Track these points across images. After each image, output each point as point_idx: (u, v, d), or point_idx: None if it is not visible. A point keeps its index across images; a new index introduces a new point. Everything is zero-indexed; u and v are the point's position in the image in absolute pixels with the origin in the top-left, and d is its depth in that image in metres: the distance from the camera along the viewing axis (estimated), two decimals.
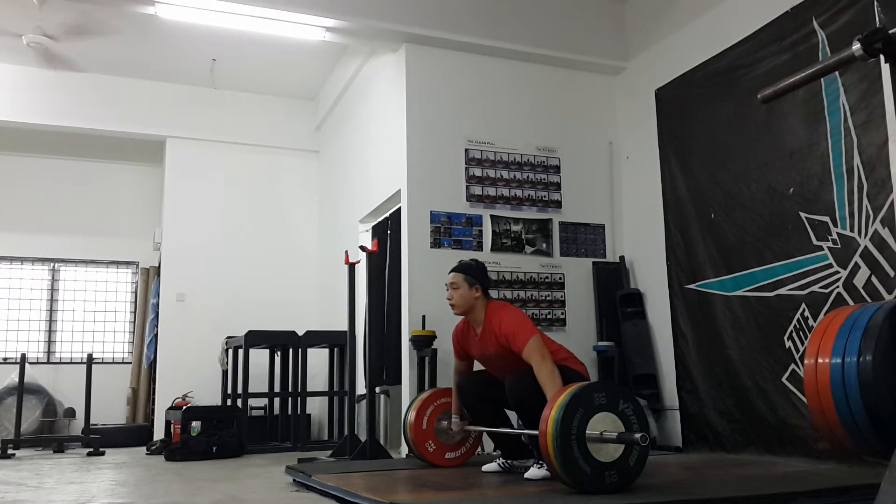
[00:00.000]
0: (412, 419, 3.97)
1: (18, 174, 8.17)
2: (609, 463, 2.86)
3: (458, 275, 3.63)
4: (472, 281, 3.59)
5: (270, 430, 6.98)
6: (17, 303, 8.10)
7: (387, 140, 6.01)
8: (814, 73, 2.11)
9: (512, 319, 3.48)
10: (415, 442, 3.98)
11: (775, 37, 4.52)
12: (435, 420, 4.00)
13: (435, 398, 4.04)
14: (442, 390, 4.12)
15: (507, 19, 5.82)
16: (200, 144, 7.79)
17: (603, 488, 2.84)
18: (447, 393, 4.05)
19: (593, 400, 2.89)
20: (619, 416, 2.91)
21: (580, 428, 2.83)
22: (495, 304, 3.65)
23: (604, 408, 2.90)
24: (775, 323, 4.40)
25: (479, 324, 3.62)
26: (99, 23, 6.39)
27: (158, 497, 3.53)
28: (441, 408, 4.02)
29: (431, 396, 4.03)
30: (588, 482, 2.84)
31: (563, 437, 2.80)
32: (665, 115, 5.49)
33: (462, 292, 3.57)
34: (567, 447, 2.81)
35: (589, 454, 2.83)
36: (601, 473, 2.85)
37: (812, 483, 3.12)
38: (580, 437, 2.83)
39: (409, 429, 4.00)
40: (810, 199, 4.23)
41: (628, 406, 2.94)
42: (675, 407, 5.21)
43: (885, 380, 2.58)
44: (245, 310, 7.36)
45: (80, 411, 6.81)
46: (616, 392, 2.98)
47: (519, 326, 3.42)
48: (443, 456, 4.05)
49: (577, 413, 2.84)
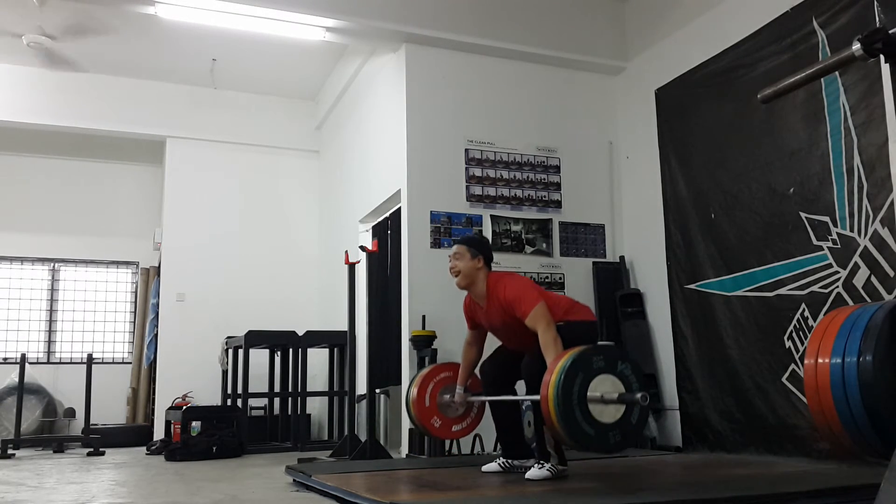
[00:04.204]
0: (414, 396, 3.92)
1: (18, 174, 8.17)
2: (612, 423, 2.92)
3: (461, 246, 3.68)
4: (475, 252, 3.63)
5: (270, 430, 6.97)
6: (17, 303, 8.10)
7: (387, 140, 6.02)
8: (814, 73, 2.11)
9: (515, 286, 3.50)
10: (420, 419, 3.94)
11: (775, 37, 4.52)
12: (437, 395, 3.97)
13: (435, 374, 3.98)
14: (441, 365, 4.07)
15: (507, 19, 5.82)
16: (200, 144, 7.79)
17: (607, 448, 2.94)
18: (446, 367, 4.01)
19: (592, 363, 2.94)
20: (618, 377, 2.97)
21: (581, 392, 2.88)
22: (496, 274, 3.67)
23: (603, 370, 2.95)
24: (775, 323, 4.40)
25: (481, 297, 3.63)
26: (99, 23, 6.39)
27: (158, 497, 3.53)
28: (441, 383, 3.96)
29: (431, 373, 3.98)
30: (592, 444, 2.91)
31: (565, 402, 2.85)
32: (665, 115, 5.49)
33: (465, 263, 3.61)
34: (569, 411, 2.85)
35: (591, 417, 2.89)
36: (605, 434, 2.90)
37: (812, 483, 3.12)
38: (581, 400, 2.88)
39: (412, 406, 3.94)
40: (810, 199, 4.23)
41: (626, 367, 3.01)
42: (675, 407, 5.20)
43: (885, 380, 2.58)
44: (245, 310, 7.35)
45: (80, 411, 6.81)
46: (614, 354, 3.04)
47: (523, 294, 3.43)
48: (449, 429, 4.02)
49: (577, 377, 2.89)
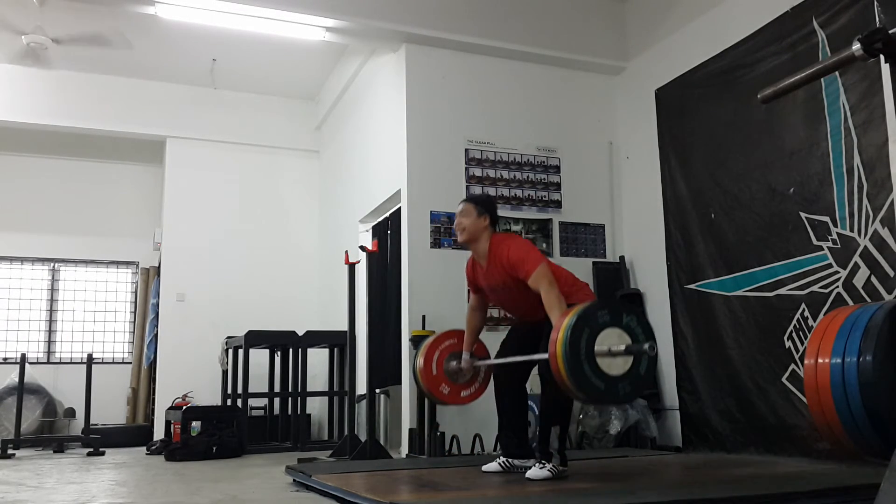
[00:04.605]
0: (421, 366, 3.92)
1: (18, 174, 8.17)
2: (621, 375, 2.94)
3: (469, 203, 3.71)
4: (481, 210, 3.65)
5: (270, 430, 6.98)
6: (17, 303, 8.10)
7: (387, 140, 6.02)
8: (814, 73, 2.11)
9: (519, 247, 3.53)
10: (428, 388, 3.96)
11: (775, 37, 4.52)
12: (443, 362, 3.97)
13: (439, 342, 3.98)
14: (445, 333, 4.06)
15: (506, 19, 5.82)
16: (200, 144, 7.79)
17: (618, 399, 3.06)
18: (450, 335, 4.01)
19: (597, 318, 2.96)
20: (624, 329, 2.98)
21: (588, 346, 2.90)
22: (500, 235, 3.69)
23: (609, 324, 2.96)
24: (775, 323, 4.40)
25: (483, 257, 3.65)
26: (99, 23, 6.39)
27: (158, 497, 3.53)
28: (447, 350, 3.96)
29: (436, 341, 3.98)
30: (603, 397, 2.99)
31: (573, 358, 2.87)
32: (665, 115, 5.49)
33: (471, 220, 3.63)
34: (578, 367, 2.88)
35: (600, 370, 2.91)
36: (614, 387, 2.93)
37: (812, 483, 3.12)
38: (589, 355, 2.90)
39: (420, 376, 3.94)
40: (810, 199, 4.23)
41: (632, 318, 3.02)
42: (675, 407, 5.21)
43: (885, 380, 2.58)
44: (245, 310, 7.35)
45: (80, 411, 6.81)
46: (619, 307, 3.07)
47: (527, 254, 3.46)
48: (458, 395, 4.01)
49: (583, 333, 2.91)
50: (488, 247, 3.60)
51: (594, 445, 5.03)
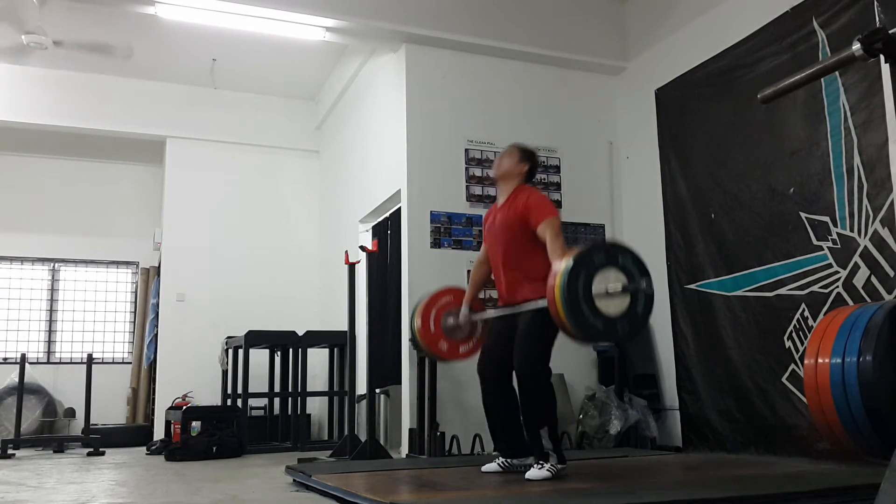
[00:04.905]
0: (419, 326, 3.98)
1: (18, 174, 8.16)
2: (619, 315, 3.01)
3: (515, 147, 3.86)
4: (523, 158, 3.80)
5: (270, 430, 6.97)
6: (17, 303, 8.10)
7: (387, 140, 6.02)
8: (814, 73, 2.11)
9: (541, 197, 3.68)
10: (427, 346, 4.02)
11: (775, 37, 4.52)
12: (441, 319, 4.01)
13: (435, 301, 4.04)
14: (441, 291, 4.10)
15: (506, 19, 5.82)
16: (200, 144, 7.79)
17: (617, 338, 3.12)
18: (446, 293, 4.08)
19: (593, 260, 3.03)
20: (619, 269, 3.05)
21: (586, 288, 2.96)
22: (529, 186, 3.81)
23: (604, 265, 3.03)
24: (775, 323, 4.40)
25: (504, 194, 3.78)
26: (99, 23, 6.39)
27: (158, 497, 3.53)
28: (443, 308, 4.02)
29: (431, 301, 4.04)
30: (602, 337, 3.07)
31: (572, 300, 2.93)
32: (665, 115, 5.49)
33: (512, 161, 3.78)
34: (577, 309, 2.94)
35: (598, 311, 2.97)
36: (613, 326, 3.01)
37: (812, 483, 3.12)
38: (587, 296, 2.96)
39: (418, 335, 4.01)
40: (810, 199, 4.23)
41: (627, 258, 3.09)
42: (675, 407, 5.20)
43: (885, 380, 2.58)
44: (245, 310, 7.35)
45: (80, 411, 6.81)
46: (613, 248, 3.16)
47: (546, 205, 3.61)
48: (457, 351, 4.07)
49: (580, 276, 2.97)
50: (514, 190, 3.73)
51: (594, 445, 5.03)
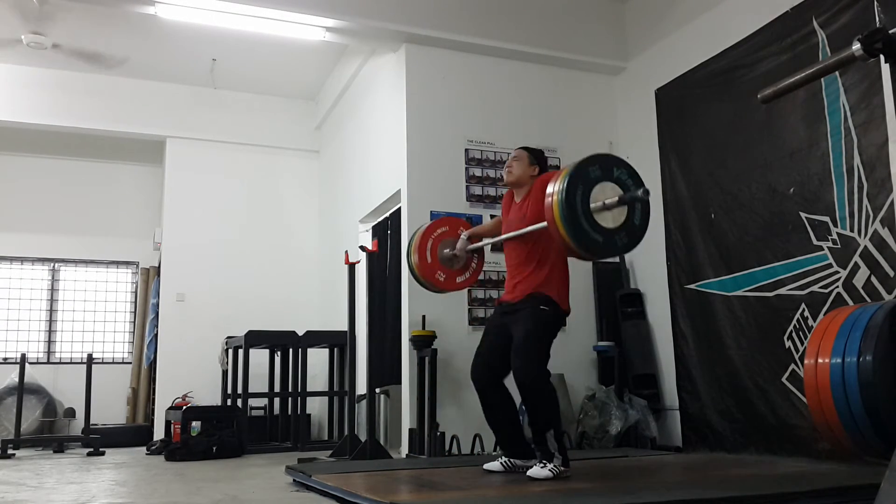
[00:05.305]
0: (416, 260, 4.05)
1: (18, 174, 8.16)
2: (617, 227, 3.08)
3: (523, 151, 3.86)
4: (533, 161, 3.80)
5: (270, 430, 6.98)
6: (17, 303, 8.10)
7: (387, 140, 6.02)
8: (814, 73, 2.11)
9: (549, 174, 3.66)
10: (425, 277, 4.08)
11: (775, 37, 4.52)
12: (437, 251, 4.06)
13: (430, 232, 4.09)
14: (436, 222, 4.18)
15: (506, 19, 5.82)
16: (200, 144, 7.79)
17: (617, 251, 3.17)
18: (441, 223, 4.17)
19: (589, 174, 3.07)
20: (615, 182, 3.13)
21: (584, 202, 3.02)
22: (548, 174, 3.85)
23: (600, 178, 3.09)
24: (775, 323, 4.40)
25: (521, 195, 3.80)
26: (99, 23, 6.39)
27: (158, 497, 3.53)
28: (439, 239, 4.08)
29: (426, 232, 4.09)
30: (603, 250, 3.17)
31: (571, 215, 2.98)
32: (665, 115, 5.49)
33: (522, 165, 3.79)
34: (576, 224, 2.99)
35: (597, 224, 3.04)
36: (612, 239, 3.09)
37: (812, 483, 3.12)
38: (586, 210, 3.02)
39: (416, 269, 4.07)
40: (810, 199, 4.23)
41: (622, 171, 3.16)
42: (675, 407, 5.21)
43: (885, 380, 2.58)
44: (245, 310, 7.35)
45: (80, 411, 6.81)
46: (608, 161, 3.20)
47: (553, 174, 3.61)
48: (454, 281, 4.14)
49: (577, 190, 3.01)
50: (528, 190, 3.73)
51: (594, 445, 5.03)
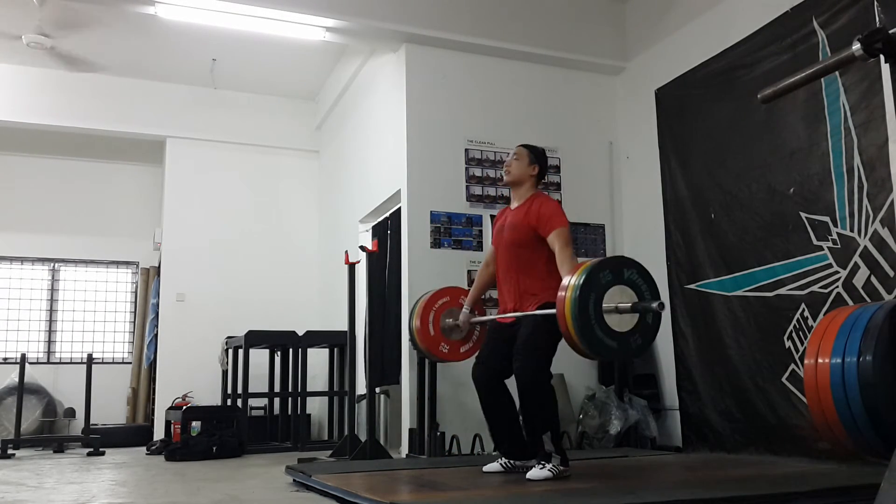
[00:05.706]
0: (418, 326, 4.02)
1: (18, 174, 8.16)
2: (630, 330, 3.05)
3: (523, 149, 3.83)
4: (532, 159, 3.77)
5: (270, 430, 6.97)
6: (17, 303, 8.10)
7: (387, 140, 6.02)
8: (814, 73, 2.11)
9: (555, 207, 3.67)
10: (427, 348, 4.05)
11: (775, 37, 4.52)
12: (439, 321, 4.04)
13: (433, 302, 4.07)
14: (438, 292, 4.14)
15: (506, 19, 5.81)
16: (200, 144, 7.79)
17: (632, 353, 3.13)
18: (443, 293, 4.11)
19: (600, 280, 3.04)
20: (626, 283, 3.09)
21: (596, 310, 2.99)
22: (543, 194, 3.81)
23: (611, 283, 3.06)
24: (775, 323, 4.40)
25: (519, 199, 3.77)
26: (99, 23, 6.39)
27: (158, 497, 3.53)
28: (441, 309, 4.06)
29: (429, 301, 4.07)
30: (617, 354, 3.13)
31: (584, 325, 2.96)
32: (665, 115, 5.49)
33: (522, 164, 3.76)
34: (590, 332, 2.97)
35: (611, 330, 3.02)
36: (626, 342, 3.06)
37: (812, 483, 3.12)
38: (599, 318, 2.99)
39: (417, 337, 4.04)
40: (810, 199, 4.23)
41: (633, 272, 3.13)
42: (675, 407, 5.20)
43: (885, 380, 2.58)
44: (245, 310, 7.35)
45: (80, 411, 6.81)
46: (618, 264, 3.16)
47: (558, 215, 3.61)
48: (458, 352, 4.11)
49: (589, 298, 2.99)
50: (528, 196, 3.72)
51: (594, 445, 5.03)
